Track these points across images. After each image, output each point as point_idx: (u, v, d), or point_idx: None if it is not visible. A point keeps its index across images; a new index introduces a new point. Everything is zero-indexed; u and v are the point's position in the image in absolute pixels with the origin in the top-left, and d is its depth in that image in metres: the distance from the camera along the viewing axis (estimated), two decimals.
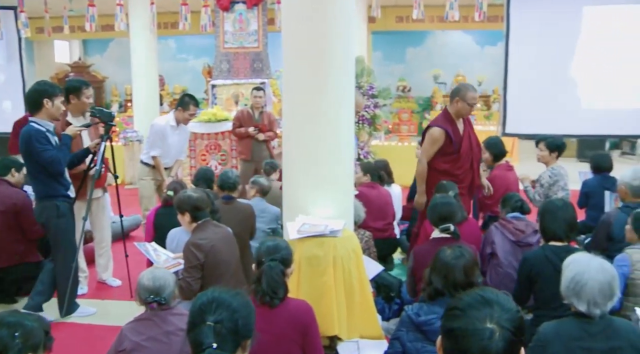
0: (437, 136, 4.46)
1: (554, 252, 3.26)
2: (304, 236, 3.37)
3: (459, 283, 2.38)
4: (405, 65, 17.41)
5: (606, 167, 5.39)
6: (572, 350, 2.35)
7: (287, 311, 2.58)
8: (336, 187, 3.62)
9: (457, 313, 1.41)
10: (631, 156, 12.35)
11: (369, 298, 3.60)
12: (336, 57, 3.54)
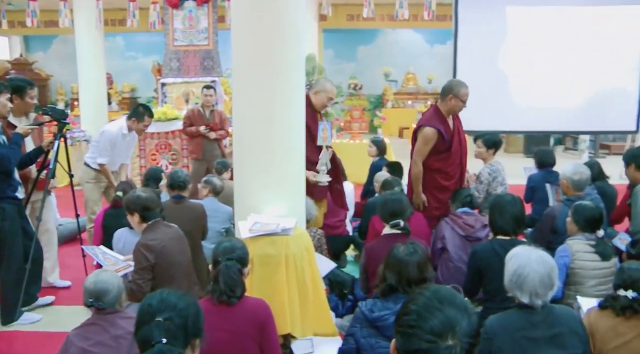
0: (431, 136, 4.47)
1: (501, 246, 3.35)
2: (256, 235, 3.35)
3: (413, 279, 2.42)
4: (356, 63, 17.56)
5: (550, 162, 5.58)
6: (517, 341, 2.42)
7: (245, 310, 2.59)
8: (288, 186, 3.61)
9: (413, 331, 1.35)
10: (574, 151, 12.79)
11: (322, 295, 3.61)
12: (287, 56, 3.53)
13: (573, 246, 3.52)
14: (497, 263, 3.28)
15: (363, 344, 2.39)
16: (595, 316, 2.74)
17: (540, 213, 4.96)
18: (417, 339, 1.33)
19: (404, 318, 1.39)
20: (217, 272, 2.59)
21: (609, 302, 2.70)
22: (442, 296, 1.40)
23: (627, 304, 2.63)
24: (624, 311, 2.64)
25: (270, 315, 2.66)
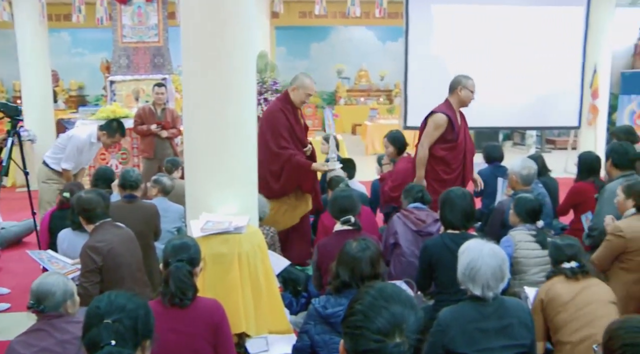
0: (441, 121, 4.61)
1: (452, 240, 3.42)
2: (208, 234, 3.31)
3: (365, 274, 2.44)
4: (309, 60, 17.54)
5: (497, 157, 5.72)
6: (469, 332, 2.48)
7: (198, 311, 2.54)
8: (240, 184, 3.59)
9: (360, 332, 1.34)
10: (521, 146, 13.15)
11: (276, 292, 3.60)
12: (237, 53, 3.49)
13: (515, 236, 3.70)
14: (447, 256, 3.36)
15: (317, 340, 2.39)
16: (547, 285, 3.02)
17: (489, 207, 5.08)
18: (364, 340, 1.32)
19: (350, 319, 1.38)
20: (167, 274, 2.54)
21: (558, 271, 3.01)
22: (387, 293, 1.39)
23: (573, 270, 2.96)
24: (574, 274, 2.95)
25: (224, 315, 2.62)
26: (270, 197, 4.54)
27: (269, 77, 7.98)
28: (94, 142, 5.50)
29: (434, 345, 2.54)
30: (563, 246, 3.09)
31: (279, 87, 8.03)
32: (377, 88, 17.09)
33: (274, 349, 3.39)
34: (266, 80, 7.91)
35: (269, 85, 7.94)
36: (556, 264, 3.09)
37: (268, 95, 7.88)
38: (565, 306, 2.88)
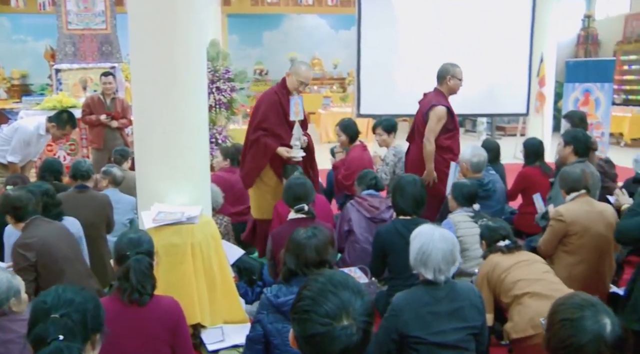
0: (442, 113, 4.70)
1: (403, 226, 3.50)
2: (160, 225, 3.26)
3: (310, 261, 2.43)
4: (261, 48, 17.41)
5: None
6: (422, 316, 2.53)
7: (157, 310, 2.46)
8: (192, 174, 3.53)
9: (308, 317, 1.36)
10: (473, 133, 13.43)
11: (231, 282, 3.58)
12: (187, 40, 3.42)
13: (455, 218, 3.90)
14: (400, 242, 3.43)
15: (270, 329, 2.39)
16: (486, 261, 3.25)
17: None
18: (312, 324, 1.34)
19: (299, 304, 1.41)
20: (127, 267, 2.43)
21: (494, 249, 3.25)
22: (336, 280, 1.42)
23: (509, 246, 3.23)
24: (509, 249, 3.21)
25: (182, 315, 2.56)
26: (244, 184, 4.54)
27: (221, 65, 7.87)
28: (42, 135, 5.32)
29: (387, 329, 2.58)
30: (497, 227, 3.34)
31: (231, 76, 7.94)
32: (330, 76, 17.12)
33: (230, 339, 3.37)
34: (218, 68, 7.81)
35: (221, 73, 7.83)
36: (491, 245, 3.30)
37: (220, 83, 7.78)
38: (508, 270, 3.10)
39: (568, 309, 1.75)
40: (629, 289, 3.39)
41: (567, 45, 15.07)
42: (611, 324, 1.67)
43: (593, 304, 1.75)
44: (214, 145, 7.57)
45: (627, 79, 14.34)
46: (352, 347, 1.35)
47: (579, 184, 3.73)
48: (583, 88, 9.58)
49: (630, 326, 3.14)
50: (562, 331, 1.71)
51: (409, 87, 9.48)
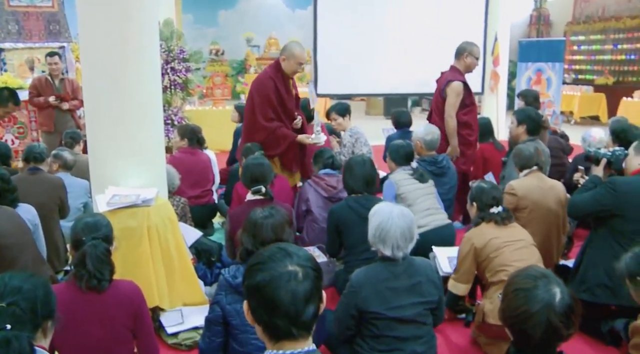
0: (460, 88, 4.83)
1: (356, 202, 3.58)
2: (115, 208, 3.19)
3: (267, 241, 2.42)
4: (217, 28, 17.11)
5: (405, 122, 5.88)
6: (380, 291, 2.56)
7: (117, 296, 2.41)
8: (146, 155, 3.46)
9: (259, 267, 1.44)
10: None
11: (189, 264, 3.55)
12: (138, 19, 3.32)
13: (395, 177, 4.04)
14: (353, 218, 3.50)
15: (229, 310, 2.38)
16: (478, 232, 3.22)
17: None
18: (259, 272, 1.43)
19: (251, 260, 1.48)
20: (83, 253, 2.36)
21: (487, 217, 3.22)
22: (282, 246, 1.49)
23: (502, 216, 3.20)
24: (503, 221, 3.20)
25: (143, 299, 2.51)
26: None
27: (175, 45, 7.69)
28: None
29: (347, 306, 2.61)
30: (490, 189, 3.32)
31: (186, 56, 7.78)
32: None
33: (189, 321, 3.35)
34: (172, 48, 7.63)
35: (176, 53, 7.66)
36: (484, 209, 3.27)
37: (175, 64, 7.62)
38: (500, 249, 3.10)
39: (522, 280, 1.81)
40: (577, 262, 3.52)
41: (520, 26, 15.33)
42: (561, 294, 1.73)
43: (545, 275, 1.81)
44: (170, 126, 7.44)
45: (577, 59, 14.73)
46: (298, 292, 1.38)
47: (532, 161, 3.83)
48: (535, 67, 9.79)
49: (579, 296, 3.26)
50: (516, 301, 1.76)
51: (366, 67, 9.51)
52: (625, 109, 11.05)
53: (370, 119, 12.17)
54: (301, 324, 1.40)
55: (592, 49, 14.18)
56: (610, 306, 3.36)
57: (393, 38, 9.52)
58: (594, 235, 3.47)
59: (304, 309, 1.39)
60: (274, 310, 1.38)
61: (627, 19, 13.00)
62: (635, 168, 3.37)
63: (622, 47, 13.19)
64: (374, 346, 2.60)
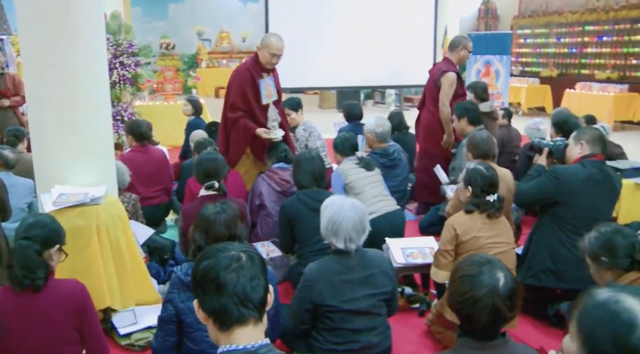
0: (453, 79, 5.07)
1: (305, 195, 3.61)
2: (61, 207, 3.10)
3: (220, 237, 2.41)
4: (167, 21, 16.80)
5: (356, 115, 5.91)
6: (334, 284, 2.59)
7: (58, 295, 2.35)
8: (94, 153, 3.38)
9: (204, 257, 1.50)
10: (382, 104, 13.70)
11: (141, 263, 3.49)
12: (82, 10, 3.22)
13: (342, 167, 4.12)
14: (304, 211, 3.53)
15: (182, 308, 2.35)
16: (465, 219, 3.17)
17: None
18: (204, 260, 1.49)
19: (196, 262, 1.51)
20: (12, 253, 2.32)
21: (481, 206, 3.14)
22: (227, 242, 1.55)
23: (495, 206, 3.14)
24: (496, 213, 3.14)
25: (88, 298, 2.45)
26: (230, 164, 4.44)
27: (123, 39, 7.50)
28: None
29: (302, 300, 2.63)
30: (490, 176, 3.19)
31: (135, 50, 7.61)
32: (239, 50, 16.82)
33: (143, 321, 3.30)
34: (121, 42, 7.45)
35: (124, 48, 7.48)
36: (479, 195, 3.16)
37: (123, 58, 7.44)
38: (483, 248, 3.05)
39: (467, 266, 1.86)
40: (525, 249, 3.64)
41: (469, 19, 15.62)
42: (504, 278, 1.80)
43: (489, 261, 1.87)
44: (120, 122, 7.27)
45: (523, 52, 15.11)
46: (245, 274, 1.44)
47: (484, 149, 3.89)
48: (484, 60, 10.01)
49: (526, 281, 3.39)
50: (462, 287, 1.82)
51: (318, 60, 9.52)
52: (569, 100, 11.44)
53: (323, 113, 12.19)
54: (250, 303, 1.43)
55: (537, 42, 14.58)
56: (555, 289, 3.49)
57: (345, 31, 9.56)
58: (539, 222, 3.59)
59: (251, 288, 1.43)
60: (221, 292, 1.42)
61: (568, 14, 13.42)
62: (576, 157, 3.50)
63: (565, 40, 13.62)
64: (330, 339, 2.62)
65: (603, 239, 2.44)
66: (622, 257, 2.39)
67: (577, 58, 13.14)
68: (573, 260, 3.34)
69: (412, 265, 3.51)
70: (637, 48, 11.68)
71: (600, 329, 1.17)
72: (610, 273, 2.43)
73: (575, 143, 3.53)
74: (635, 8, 11.70)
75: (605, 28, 12.44)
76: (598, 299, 1.22)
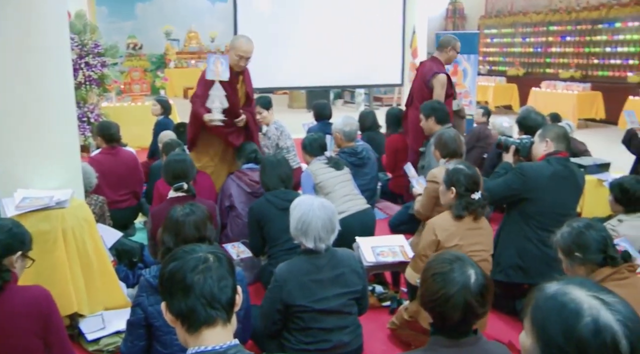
0: (444, 80, 5.14)
1: (273, 195, 3.61)
2: (25, 212, 3.03)
3: (189, 239, 2.39)
4: (134, 21, 16.57)
5: (326, 115, 5.92)
6: (305, 284, 2.59)
7: (19, 301, 2.28)
8: (59, 155, 3.31)
9: (171, 258, 1.49)
10: (351, 104, 13.75)
11: (109, 267, 3.43)
12: (43, 9, 3.15)
13: (312, 167, 4.13)
14: (272, 211, 3.53)
15: (151, 311, 2.32)
16: (447, 223, 3.04)
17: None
18: (170, 263, 1.49)
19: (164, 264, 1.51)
20: None
21: (469, 207, 3.02)
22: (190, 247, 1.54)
23: (478, 204, 3.03)
24: (481, 208, 3.04)
25: (52, 304, 2.39)
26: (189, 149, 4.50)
27: (89, 39, 7.38)
28: None
29: (273, 300, 2.62)
30: (472, 174, 3.08)
31: (101, 50, 7.49)
32: (208, 50, 16.68)
33: (111, 326, 3.25)
34: (86, 42, 7.33)
35: (90, 48, 7.36)
36: (464, 195, 3.04)
37: (89, 59, 7.32)
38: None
39: (438, 264, 1.88)
40: (494, 245, 3.69)
41: (437, 19, 15.81)
42: (475, 275, 1.82)
43: (460, 258, 1.89)
44: (86, 124, 7.15)
45: (490, 51, 15.36)
46: (213, 274, 1.44)
47: (452, 148, 3.91)
48: None
49: (495, 277, 3.44)
50: (434, 285, 1.83)
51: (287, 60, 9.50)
52: (535, 99, 11.67)
53: (293, 113, 12.18)
54: (217, 304, 1.43)
55: (504, 42, 14.83)
56: (523, 285, 3.55)
57: (314, 31, 9.56)
58: (506, 219, 3.65)
59: (218, 289, 1.43)
60: (188, 293, 1.41)
61: (533, 14, 13.68)
62: (541, 154, 3.56)
63: (530, 40, 13.88)
64: (301, 339, 2.62)
65: (575, 234, 2.39)
66: (595, 252, 2.35)
67: (542, 57, 13.41)
68: (539, 256, 3.42)
69: (382, 263, 3.53)
70: (598, 48, 11.98)
71: (550, 321, 1.19)
72: (584, 268, 2.38)
73: (540, 141, 3.60)
74: (595, 9, 11.99)
75: (568, 28, 12.72)
76: (547, 292, 1.24)
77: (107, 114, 7.54)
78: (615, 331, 1.12)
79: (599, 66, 11.97)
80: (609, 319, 1.14)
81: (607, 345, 1.12)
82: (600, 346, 1.12)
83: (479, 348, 1.82)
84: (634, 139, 5.48)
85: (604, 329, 1.12)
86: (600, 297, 1.18)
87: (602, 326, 1.13)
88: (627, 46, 11.35)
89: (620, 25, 11.48)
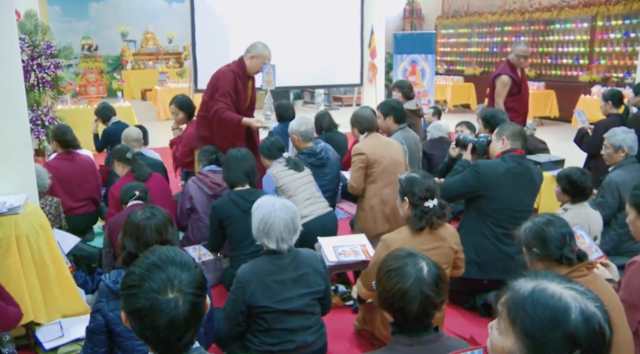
0: (506, 81, 5.83)
1: (237, 195, 3.58)
2: None
3: (151, 242, 2.36)
4: (88, 21, 16.19)
5: (289, 116, 5.90)
6: (267, 285, 2.58)
7: None
8: (11, 159, 3.21)
9: (134, 291, 1.38)
10: (311, 104, 13.77)
11: (66, 273, 3.35)
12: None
13: (272, 171, 4.08)
14: (236, 212, 3.51)
15: (112, 317, 2.28)
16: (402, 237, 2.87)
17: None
18: (137, 298, 1.37)
19: (125, 280, 1.42)
20: None
21: (424, 218, 2.86)
22: (164, 256, 1.44)
23: (436, 212, 2.86)
24: (439, 218, 2.88)
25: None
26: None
27: (41, 40, 7.17)
28: None
29: (235, 302, 2.60)
30: (422, 180, 2.94)
31: (54, 51, 7.29)
32: (166, 51, 16.47)
33: (70, 334, 3.17)
34: (38, 43, 7.11)
35: (42, 49, 7.15)
36: (418, 204, 2.89)
37: (42, 60, 7.11)
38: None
39: (391, 261, 1.93)
40: None
41: (395, 19, 15.97)
42: (427, 266, 1.89)
43: (411, 253, 1.95)
44: (40, 127, 6.95)
45: (448, 51, 15.61)
46: (178, 319, 1.37)
47: (370, 123, 4.16)
48: (410, 59, 10.26)
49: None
50: (389, 281, 1.87)
51: None
52: None
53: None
54: (182, 346, 1.41)
55: (461, 42, 15.09)
56: (482, 280, 3.62)
57: (272, 31, 9.53)
58: (465, 216, 3.73)
59: (184, 335, 1.40)
60: (154, 335, 1.38)
61: (488, 15, 13.98)
62: (497, 152, 3.65)
63: (486, 40, 14.18)
64: (265, 340, 2.61)
65: (535, 230, 2.38)
66: (553, 248, 2.33)
67: (498, 57, 13.70)
68: (495, 252, 3.50)
69: (344, 263, 3.53)
70: (550, 48, 12.32)
71: (537, 318, 1.18)
72: (542, 264, 2.37)
73: (497, 139, 3.69)
74: (547, 10, 12.33)
75: (522, 29, 13.04)
76: (524, 290, 1.23)
77: (63, 117, 7.35)
78: (599, 318, 1.16)
79: (552, 65, 12.31)
80: (592, 308, 1.17)
81: (596, 332, 1.15)
82: (591, 334, 1.15)
83: (440, 345, 1.86)
84: (585, 137, 5.76)
85: (591, 318, 1.16)
86: (574, 288, 1.22)
87: (590, 315, 1.16)
88: (577, 46, 11.72)
89: (571, 26, 11.83)
